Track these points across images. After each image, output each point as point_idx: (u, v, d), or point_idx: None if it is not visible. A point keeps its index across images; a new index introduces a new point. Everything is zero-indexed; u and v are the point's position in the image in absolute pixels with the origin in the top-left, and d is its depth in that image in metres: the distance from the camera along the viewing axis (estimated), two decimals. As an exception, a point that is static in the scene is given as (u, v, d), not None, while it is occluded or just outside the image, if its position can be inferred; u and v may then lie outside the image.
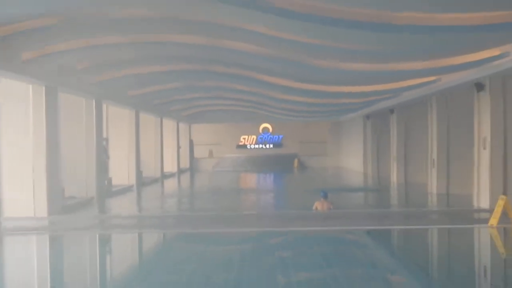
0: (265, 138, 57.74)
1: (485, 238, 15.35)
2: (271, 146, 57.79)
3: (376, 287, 11.05)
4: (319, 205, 19.52)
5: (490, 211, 17.23)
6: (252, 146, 57.93)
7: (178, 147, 47.36)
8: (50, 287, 12.01)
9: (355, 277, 11.85)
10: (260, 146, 57.93)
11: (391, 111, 32.32)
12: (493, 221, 16.23)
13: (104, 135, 26.63)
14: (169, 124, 43.34)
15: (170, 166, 44.28)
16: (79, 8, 13.53)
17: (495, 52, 16.73)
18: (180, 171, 47.24)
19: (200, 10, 13.34)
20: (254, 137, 57.74)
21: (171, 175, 43.10)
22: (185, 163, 51.72)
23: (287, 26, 13.84)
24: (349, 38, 14.66)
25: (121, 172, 30.63)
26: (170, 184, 36.04)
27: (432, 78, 21.48)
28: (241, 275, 12.24)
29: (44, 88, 18.95)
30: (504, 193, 17.61)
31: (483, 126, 20.34)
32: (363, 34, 13.87)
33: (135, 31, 15.73)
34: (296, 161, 54.73)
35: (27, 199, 18.46)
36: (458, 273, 12.76)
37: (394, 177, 32.47)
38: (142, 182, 32.11)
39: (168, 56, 19.16)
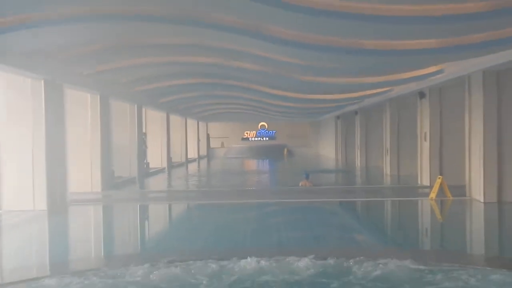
0: (262, 133, 58.45)
1: (426, 208, 15.40)
2: (267, 138, 58.26)
3: (343, 241, 11.13)
4: (302, 183, 19.59)
5: (430, 187, 17.29)
6: (253, 139, 58.56)
7: (198, 140, 47.66)
8: (104, 243, 12.02)
9: (328, 234, 11.98)
10: (259, 138, 58.51)
11: (356, 113, 32.29)
12: (432, 195, 16.25)
13: (144, 131, 26.53)
14: (191, 123, 43.32)
15: (192, 153, 44.23)
16: (124, 36, 13.51)
17: (433, 69, 16.71)
18: (200, 157, 47.26)
19: (216, 38, 13.32)
20: (254, 132, 58.46)
21: (193, 160, 43.04)
22: (203, 151, 51.94)
23: (280, 50, 13.84)
24: (326, 59, 14.64)
25: (156, 158, 30.70)
26: (192, 167, 36.14)
27: (387, 88, 21.50)
28: (245, 232, 12.38)
29: (99, 96, 18.92)
30: (440, 174, 17.59)
31: (424, 123, 20.33)
32: (337, 56, 13.87)
33: (166, 53, 15.71)
34: (285, 150, 54.74)
35: (86, 179, 18.46)
36: (406, 232, 12.82)
37: (358, 162, 32.48)
38: (171, 165, 32.09)
39: (191, 72, 19.16)
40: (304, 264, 8.06)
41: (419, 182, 20.29)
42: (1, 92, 14.61)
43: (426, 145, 20.21)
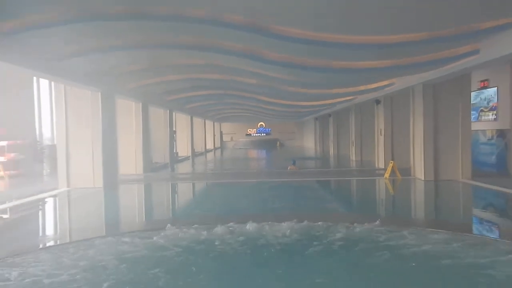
0: (261, 130, 58.05)
1: (381, 185, 15.40)
2: (264, 134, 58.13)
3: (320, 209, 11.04)
4: (290, 167, 19.59)
5: (384, 169, 17.27)
6: (254, 134, 58.28)
7: (214, 135, 47.74)
8: (144, 212, 12.08)
9: (309, 204, 11.89)
10: (258, 134, 58.28)
11: (329, 115, 32.23)
12: (386, 175, 16.31)
13: (174, 129, 26.51)
14: (208, 123, 43.32)
15: (209, 145, 44.26)
16: (158, 59, 13.53)
17: (386, 82, 16.71)
18: (215, 148, 47.42)
19: (225, 60, 13.32)
20: (255, 129, 58.10)
21: (210, 150, 43.04)
22: (218, 144, 51.84)
23: (272, 69, 13.84)
24: (306, 75, 14.62)
25: (183, 149, 30.73)
26: (209, 156, 36.11)
27: (352, 97, 21.48)
28: (249, 201, 12.44)
29: (141, 104, 18.96)
30: (392, 159, 17.59)
31: (380, 122, 20.36)
32: (314, 73, 13.85)
33: (189, 72, 15.74)
34: (278, 142, 55.08)
35: (131, 164, 18.53)
36: (365, 203, 12.85)
37: (331, 151, 32.40)
38: (194, 154, 32.13)
39: (207, 86, 19.14)
40: (287, 226, 8.14)
41: (376, 166, 20.25)
42: (69, 102, 14.72)
43: (381, 138, 20.27)
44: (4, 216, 10.87)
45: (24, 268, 6.12)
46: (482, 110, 17.65)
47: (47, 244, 8.18)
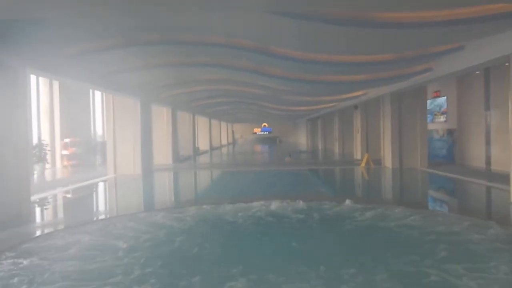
0: (264, 129, 57.78)
1: (358, 172, 15.42)
2: (267, 132, 57.92)
3: (310, 191, 11.13)
4: (287, 159, 19.69)
5: (361, 160, 17.37)
6: (259, 133, 58.08)
7: (227, 133, 47.58)
8: (172, 193, 12.21)
9: (301, 187, 12.03)
10: (262, 132, 58.05)
11: (318, 118, 32.30)
12: (362, 164, 16.39)
13: (196, 129, 26.62)
14: (223, 124, 43.36)
15: (224, 141, 44.24)
16: (184, 75, 13.60)
17: (361, 93, 16.78)
18: (228, 144, 47.21)
19: (237, 76, 13.39)
20: (259, 128, 57.90)
21: (224, 145, 42.94)
22: (230, 140, 51.72)
23: (274, 82, 13.88)
24: (299, 87, 14.63)
25: (203, 144, 30.74)
26: (224, 150, 36.13)
27: (335, 104, 21.50)
28: (254, 184, 12.49)
29: (171, 109, 19.10)
30: (367, 152, 17.67)
31: (357, 123, 20.39)
32: (304, 85, 13.87)
33: (207, 84, 15.69)
34: (278, 139, 54.84)
35: (162, 157, 18.68)
36: (346, 186, 12.96)
37: (320, 146, 32.44)
38: (212, 148, 32.20)
39: (222, 95, 19.06)
40: (283, 204, 8.22)
41: (354, 157, 20.33)
42: (116, 107, 14.90)
43: (358, 135, 20.32)
44: (68, 195, 11.11)
45: (88, 235, 6.30)
46: (435, 114, 17.71)
47: (103, 217, 8.38)
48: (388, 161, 15.54)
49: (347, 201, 8.28)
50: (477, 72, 14.19)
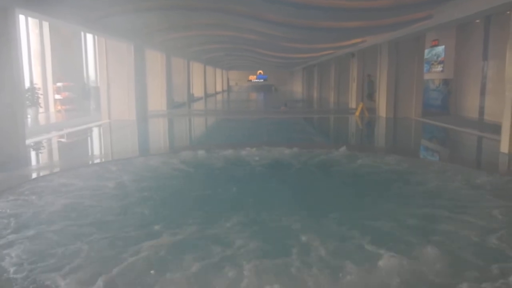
0: (260, 77, 56.95)
1: (353, 121, 15.50)
2: (262, 80, 57.18)
3: (303, 138, 11.20)
4: (283, 108, 19.70)
5: (355, 109, 17.42)
6: (254, 80, 57.36)
7: (222, 80, 47.09)
8: (167, 139, 12.32)
9: (296, 134, 12.14)
10: (257, 80, 57.24)
11: (314, 66, 31.89)
12: (356, 113, 16.45)
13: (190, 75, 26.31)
14: (218, 70, 42.77)
15: (219, 88, 43.91)
16: (180, 19, 13.27)
17: (359, 40, 16.54)
18: (223, 91, 46.87)
19: (234, 21, 13.03)
20: (255, 76, 57.11)
21: (219, 92, 42.73)
22: (225, 87, 51.26)
23: (270, 28, 13.52)
24: (297, 33, 14.38)
25: (198, 91, 30.43)
26: (218, 97, 36.02)
27: (332, 51, 21.22)
28: (249, 130, 12.59)
29: (165, 55, 18.79)
30: (362, 101, 17.71)
31: (354, 72, 20.26)
32: (302, 31, 13.63)
33: (204, 29, 15.22)
34: (273, 87, 54.30)
35: (157, 102, 18.64)
36: (341, 134, 13.11)
37: (315, 95, 32.21)
38: (207, 95, 32.00)
39: (218, 41, 18.73)
40: (280, 151, 8.32)
41: (349, 106, 20.37)
42: (109, 52, 14.64)
43: (354, 85, 20.25)
44: (63, 140, 11.16)
45: (83, 178, 6.41)
46: (432, 64, 17.56)
47: (98, 161, 8.49)
48: (382, 110, 15.58)
49: (343, 148, 8.35)
50: (477, 21, 13.95)
